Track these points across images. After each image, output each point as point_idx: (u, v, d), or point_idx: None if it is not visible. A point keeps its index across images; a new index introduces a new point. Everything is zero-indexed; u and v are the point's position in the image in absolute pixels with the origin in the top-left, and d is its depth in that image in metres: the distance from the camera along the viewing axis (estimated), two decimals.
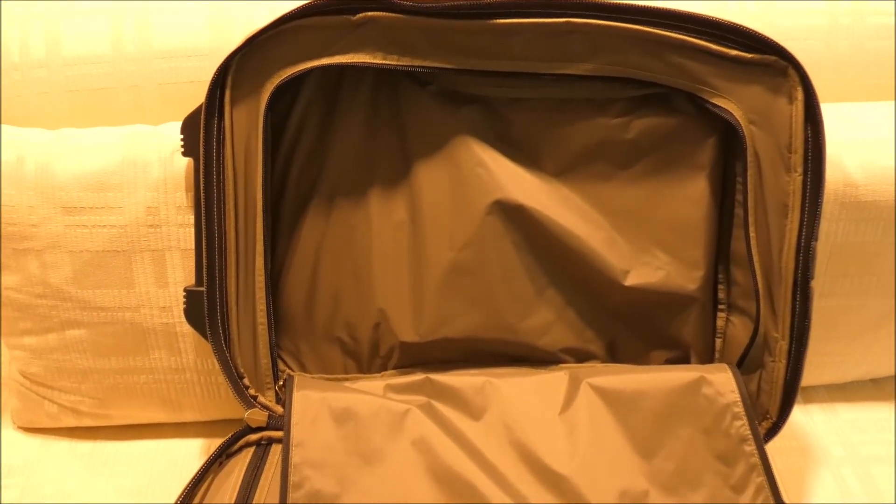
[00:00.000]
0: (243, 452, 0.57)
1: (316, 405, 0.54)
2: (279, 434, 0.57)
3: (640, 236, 0.60)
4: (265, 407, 0.58)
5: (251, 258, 0.57)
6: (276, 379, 0.60)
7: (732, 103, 0.55)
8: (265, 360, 0.59)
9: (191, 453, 0.67)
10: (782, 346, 0.57)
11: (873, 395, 0.74)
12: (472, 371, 0.59)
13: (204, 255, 0.56)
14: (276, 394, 0.59)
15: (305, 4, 0.53)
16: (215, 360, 0.63)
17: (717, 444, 0.54)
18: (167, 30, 0.63)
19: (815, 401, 0.73)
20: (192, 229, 0.60)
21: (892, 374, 0.74)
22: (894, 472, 0.66)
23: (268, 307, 0.58)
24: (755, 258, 0.57)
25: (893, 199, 0.62)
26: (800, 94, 0.53)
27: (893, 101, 0.67)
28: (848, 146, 0.62)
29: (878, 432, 0.70)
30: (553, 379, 0.58)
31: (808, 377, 0.71)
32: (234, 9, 0.64)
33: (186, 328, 0.63)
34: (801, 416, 0.72)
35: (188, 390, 0.65)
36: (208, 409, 0.67)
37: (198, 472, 0.54)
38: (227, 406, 0.67)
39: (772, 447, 0.61)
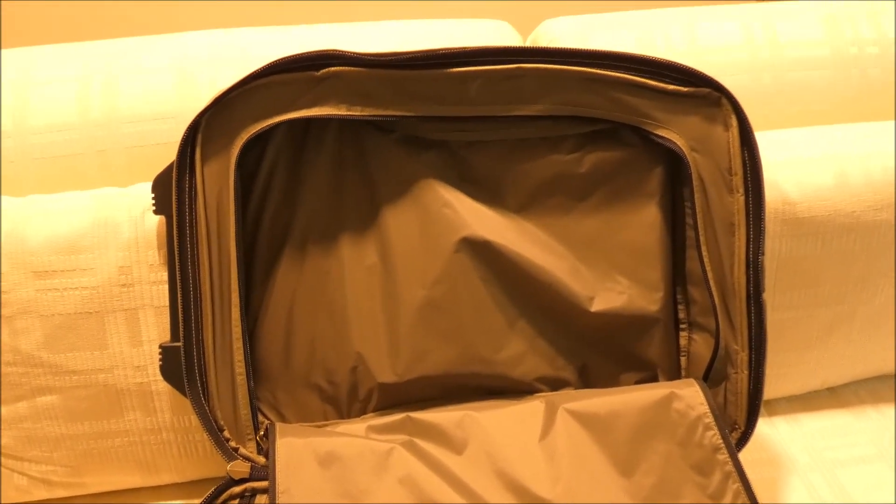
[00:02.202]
0: None
1: (300, 451, 0.54)
2: (263, 484, 0.56)
3: (601, 263, 0.63)
4: (247, 458, 0.58)
5: (227, 310, 0.58)
6: (256, 429, 0.60)
7: (675, 133, 0.59)
8: (245, 411, 0.59)
9: None
10: (743, 357, 0.60)
11: (831, 403, 0.77)
12: (451, 407, 0.61)
13: (180, 309, 0.57)
14: (258, 444, 0.59)
15: (271, 63, 0.56)
16: (192, 417, 0.63)
17: (692, 456, 0.56)
18: (133, 95, 0.65)
19: (779, 413, 0.76)
20: (166, 286, 0.60)
21: (847, 381, 0.78)
22: (860, 474, 0.69)
23: (245, 358, 0.59)
24: (710, 275, 0.60)
25: (828, 213, 0.67)
26: (734, 121, 0.58)
27: (816, 127, 0.73)
28: (782, 167, 0.67)
29: (840, 437, 0.73)
30: (530, 408, 0.60)
31: (769, 390, 0.75)
32: (198, 73, 0.66)
33: (162, 386, 0.62)
34: (767, 428, 0.75)
35: (165, 451, 0.64)
36: (186, 469, 0.66)
37: None
38: (205, 464, 0.66)
39: (742, 459, 0.64)
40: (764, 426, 0.75)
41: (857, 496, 0.67)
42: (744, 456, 0.69)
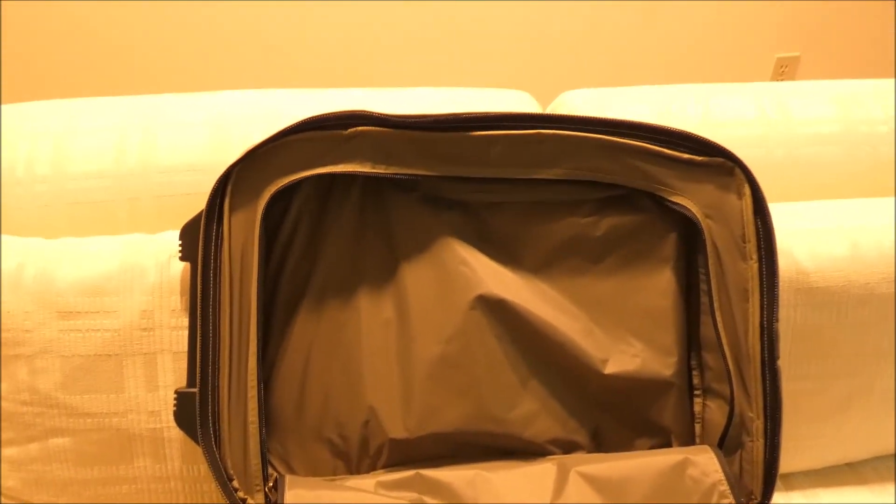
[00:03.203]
0: None
1: (308, 502, 0.54)
2: None
3: (615, 326, 0.63)
4: None
5: (244, 358, 0.59)
6: (265, 480, 0.59)
7: (689, 200, 0.61)
8: (255, 461, 0.59)
9: None
10: (758, 425, 0.60)
11: (850, 479, 0.76)
12: (462, 466, 0.60)
13: (198, 355, 0.57)
14: (266, 496, 0.59)
15: (302, 121, 0.58)
16: (202, 466, 0.63)
17: None
18: (168, 147, 0.68)
19: (797, 487, 0.75)
20: (185, 332, 0.61)
21: (866, 457, 0.77)
22: None
23: (259, 407, 0.59)
24: (724, 341, 0.60)
25: (843, 284, 0.67)
26: (747, 190, 0.60)
27: (829, 200, 0.75)
28: (796, 237, 0.68)
29: None
30: (542, 469, 0.59)
31: (787, 463, 0.74)
32: (232, 129, 0.69)
33: (174, 433, 0.63)
34: (784, 502, 0.73)
35: (171, 500, 0.64)
36: None
37: None
38: None
39: None
40: (781, 500, 0.73)
41: None
42: None
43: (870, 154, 0.78)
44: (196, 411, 0.57)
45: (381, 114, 0.58)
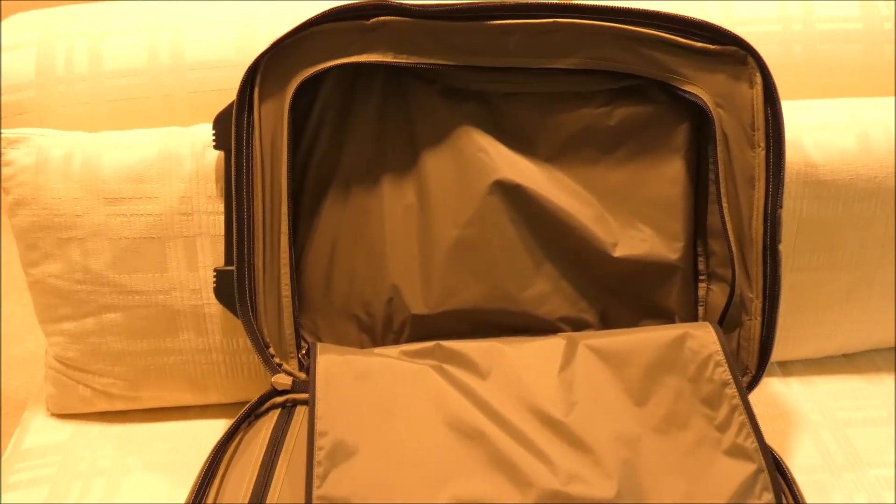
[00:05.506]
0: (270, 413, 0.62)
1: (338, 365, 0.59)
2: (303, 396, 0.62)
3: (625, 212, 0.66)
4: (289, 373, 0.63)
5: (276, 239, 0.63)
6: (298, 349, 0.65)
7: (701, 89, 0.62)
8: (289, 331, 0.64)
9: (214, 433, 0.71)
10: (756, 305, 0.63)
11: (846, 368, 0.80)
12: (480, 340, 0.65)
13: (234, 236, 0.62)
14: (299, 362, 0.65)
15: (325, 12, 0.61)
16: (240, 339, 0.69)
17: (702, 390, 0.59)
18: (197, 45, 0.71)
19: (794, 374, 0.79)
20: (222, 217, 0.66)
21: (863, 349, 0.80)
22: (869, 434, 0.71)
23: (291, 282, 0.64)
24: (728, 226, 0.63)
25: (850, 178, 0.69)
26: (758, 79, 0.61)
27: (843, 98, 0.76)
28: (806, 130, 0.69)
29: (852, 400, 0.76)
30: (552, 343, 0.64)
31: (786, 352, 0.78)
32: (257, 27, 0.71)
33: (214, 309, 0.68)
34: (782, 386, 0.77)
35: (213, 371, 0.70)
36: (231, 390, 0.72)
37: (229, 429, 0.59)
38: (249, 386, 0.72)
39: (756, 412, 0.66)
40: (779, 385, 0.77)
41: (864, 454, 0.69)
42: (757, 409, 0.71)
43: (891, 52, 0.78)
44: (234, 287, 0.62)
45: (400, 4, 0.60)
